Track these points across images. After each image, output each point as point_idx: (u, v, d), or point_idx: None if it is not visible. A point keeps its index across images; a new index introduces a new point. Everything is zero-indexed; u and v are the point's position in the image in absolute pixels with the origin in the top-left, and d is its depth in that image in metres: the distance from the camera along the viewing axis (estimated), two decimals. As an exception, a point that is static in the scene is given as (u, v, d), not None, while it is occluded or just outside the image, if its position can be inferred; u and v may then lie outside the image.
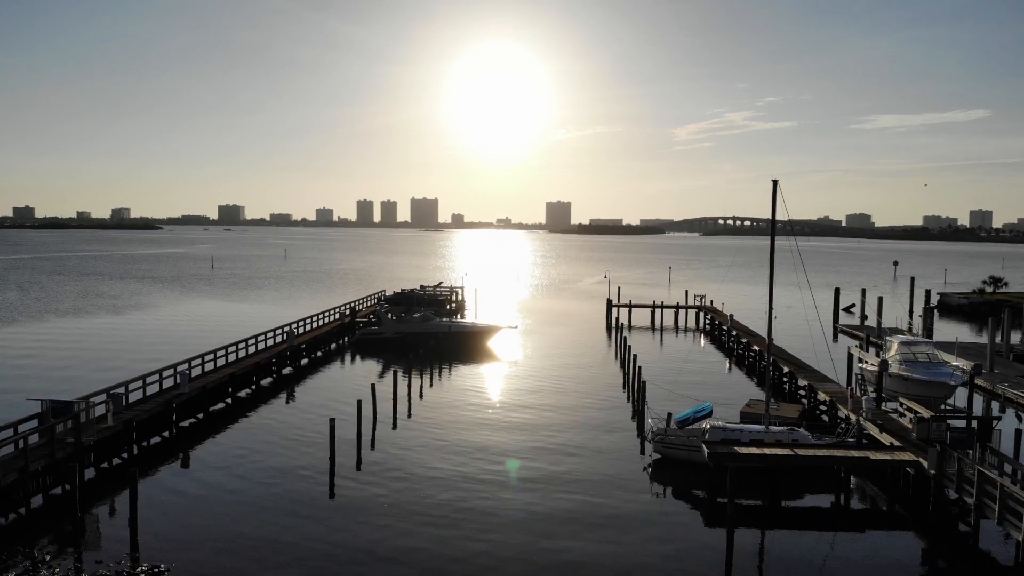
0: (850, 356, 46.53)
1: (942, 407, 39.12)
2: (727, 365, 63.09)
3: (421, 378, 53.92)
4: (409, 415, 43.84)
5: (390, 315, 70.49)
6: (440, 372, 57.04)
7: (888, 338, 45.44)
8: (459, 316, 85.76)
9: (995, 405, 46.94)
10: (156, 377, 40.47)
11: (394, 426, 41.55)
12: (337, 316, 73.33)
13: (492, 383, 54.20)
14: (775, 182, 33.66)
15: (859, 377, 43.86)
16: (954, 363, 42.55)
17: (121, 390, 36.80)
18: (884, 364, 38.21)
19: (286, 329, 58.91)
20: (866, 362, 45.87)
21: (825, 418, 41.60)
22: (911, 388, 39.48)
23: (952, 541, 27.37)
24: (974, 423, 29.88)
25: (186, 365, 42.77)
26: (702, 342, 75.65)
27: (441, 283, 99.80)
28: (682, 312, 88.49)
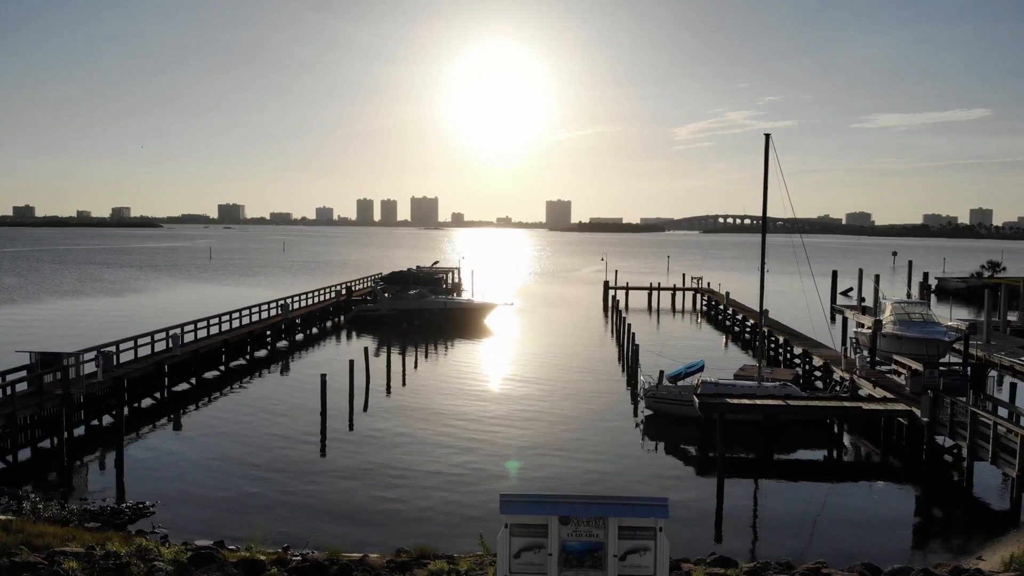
0: (845, 320, 46.45)
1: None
2: (724, 341, 63.01)
3: (416, 350, 53.86)
4: (404, 383, 43.72)
5: (386, 293, 70.45)
6: (435, 345, 56.94)
7: (883, 300, 45.39)
8: (455, 295, 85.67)
9: (992, 374, 46.71)
10: (148, 340, 40.30)
11: (388, 392, 41.46)
12: (333, 295, 73.21)
13: (487, 355, 54.13)
14: (768, 135, 33.51)
15: (854, 341, 43.73)
16: (948, 323, 42.51)
17: (112, 349, 36.60)
18: (878, 324, 38.10)
19: (281, 303, 58.76)
20: (861, 325, 45.76)
21: (820, 384, 41.47)
22: (905, 347, 39.40)
23: (946, 488, 27.23)
24: (968, 371, 29.71)
25: (178, 330, 42.59)
26: (699, 321, 75.58)
27: (437, 262, 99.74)
28: (679, 294, 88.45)
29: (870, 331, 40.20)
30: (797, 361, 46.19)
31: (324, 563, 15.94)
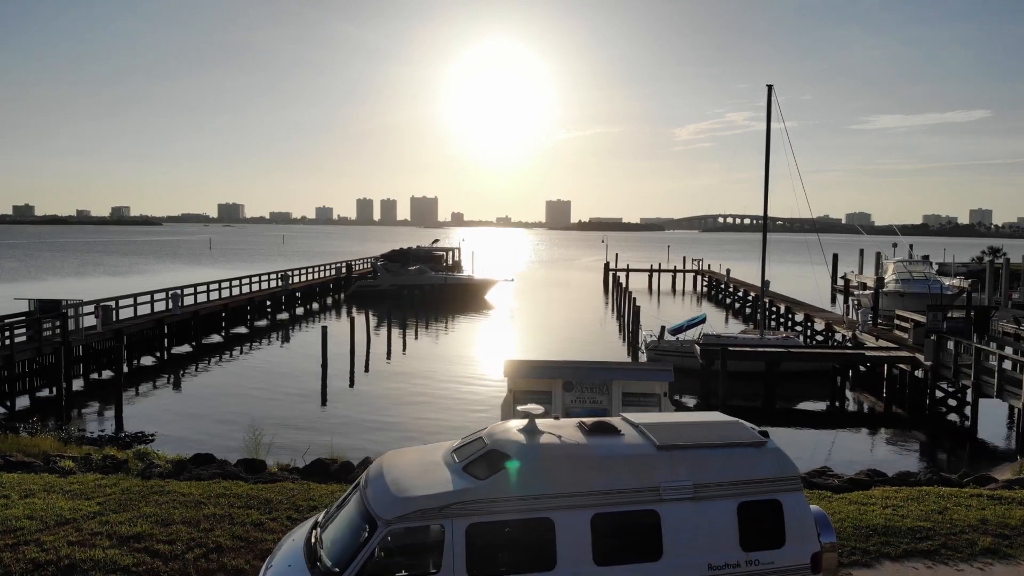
0: (847, 282, 46.29)
1: None
2: (725, 317, 62.78)
3: (416, 322, 53.69)
4: (404, 351, 43.52)
5: (386, 270, 70.27)
6: (436, 318, 56.80)
7: (884, 260, 45.29)
8: (455, 273, 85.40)
9: (992, 345, 46.52)
10: (147, 298, 40.14)
11: (388, 357, 41.27)
12: (333, 272, 73.07)
13: (488, 326, 53.97)
14: (770, 87, 33.33)
15: (856, 302, 43.52)
16: (950, 282, 42.39)
17: (111, 304, 36.40)
18: (880, 282, 37.93)
19: (281, 274, 58.63)
20: (863, 286, 45.61)
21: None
22: (907, 303, 39.22)
23: (951, 432, 27.09)
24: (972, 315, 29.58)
25: (178, 290, 42.44)
26: (700, 300, 75.41)
27: (437, 240, 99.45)
28: (679, 275, 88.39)
29: (871, 291, 40.02)
30: (799, 328, 46.00)
31: (326, 461, 15.79)
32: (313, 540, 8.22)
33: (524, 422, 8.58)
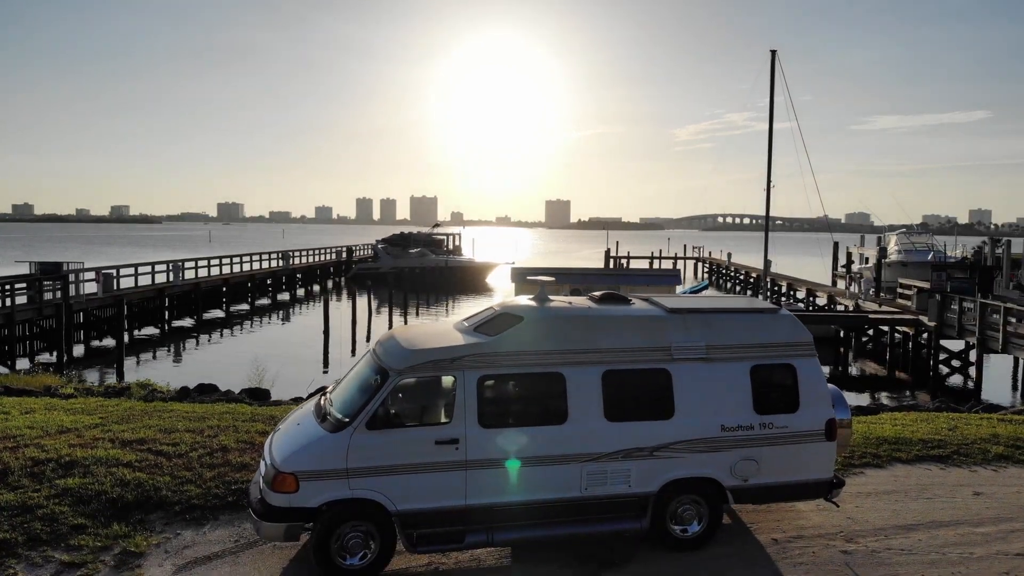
0: (848, 255, 46.17)
1: None
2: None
3: (418, 302, 53.56)
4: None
5: (387, 253, 70.10)
6: (437, 299, 56.76)
7: (887, 234, 45.31)
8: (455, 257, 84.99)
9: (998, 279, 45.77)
10: (148, 269, 40.04)
11: (390, 327, 41.10)
12: (333, 256, 72.98)
13: (488, 304, 53.90)
14: (773, 52, 33.20)
15: (858, 276, 43.44)
16: (953, 252, 42.36)
17: (112, 272, 36.30)
18: (883, 252, 37.81)
19: (282, 253, 58.57)
20: (865, 260, 45.53)
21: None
22: (910, 273, 39.10)
23: (954, 392, 26.95)
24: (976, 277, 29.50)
25: (179, 262, 42.37)
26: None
27: (438, 225, 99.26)
28: (680, 263, 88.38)
29: (874, 264, 39.96)
30: (801, 305, 45.88)
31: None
32: (322, 401, 8.19)
33: (534, 295, 8.55)
